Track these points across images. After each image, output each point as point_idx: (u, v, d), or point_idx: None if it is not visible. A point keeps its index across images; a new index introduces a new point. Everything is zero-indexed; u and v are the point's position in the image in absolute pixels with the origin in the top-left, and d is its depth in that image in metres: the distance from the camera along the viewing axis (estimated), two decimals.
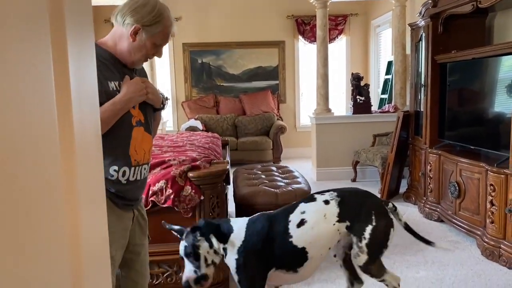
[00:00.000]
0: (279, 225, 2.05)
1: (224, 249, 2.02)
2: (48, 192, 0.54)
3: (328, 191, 2.19)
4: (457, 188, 3.61)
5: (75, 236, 0.61)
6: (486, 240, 3.22)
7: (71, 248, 0.60)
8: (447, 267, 3.06)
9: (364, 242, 2.07)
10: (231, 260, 2.01)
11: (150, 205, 2.54)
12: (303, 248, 2.02)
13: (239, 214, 3.11)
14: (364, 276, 2.27)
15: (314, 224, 2.03)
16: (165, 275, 2.63)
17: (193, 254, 1.96)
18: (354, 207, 2.12)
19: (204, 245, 1.98)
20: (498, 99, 3.52)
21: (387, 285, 2.17)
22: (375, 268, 2.11)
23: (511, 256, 2.99)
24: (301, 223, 2.03)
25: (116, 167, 1.59)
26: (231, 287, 2.82)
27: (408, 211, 4.36)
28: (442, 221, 3.95)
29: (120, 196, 1.63)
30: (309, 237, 2.02)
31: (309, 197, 2.19)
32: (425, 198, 4.25)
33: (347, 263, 2.30)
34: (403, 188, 4.95)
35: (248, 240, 2.01)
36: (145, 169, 1.71)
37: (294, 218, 2.06)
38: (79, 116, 0.61)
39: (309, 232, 2.03)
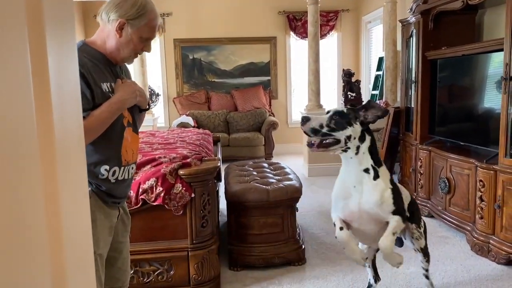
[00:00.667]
0: None
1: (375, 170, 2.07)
2: (27, 190, 0.53)
3: None
4: (447, 184, 3.63)
5: (57, 234, 0.60)
6: (475, 235, 3.25)
7: (52, 247, 0.59)
8: (437, 263, 3.09)
9: (422, 228, 2.41)
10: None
11: (140, 203, 2.52)
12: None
13: (230, 211, 3.11)
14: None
15: None
16: (155, 273, 2.62)
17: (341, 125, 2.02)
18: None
19: (355, 130, 2.04)
20: (487, 95, 3.55)
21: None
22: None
23: (500, 251, 3.02)
24: None
25: (107, 167, 1.62)
26: (222, 285, 2.82)
27: None
28: (432, 216, 3.98)
29: (110, 194, 1.66)
30: None
31: None
32: (415, 194, 4.27)
33: (373, 263, 2.65)
34: None
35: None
36: (132, 168, 1.75)
37: None
38: (60, 114, 0.59)
39: None
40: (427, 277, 2.56)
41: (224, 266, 3.04)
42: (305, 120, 2.05)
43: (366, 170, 2.07)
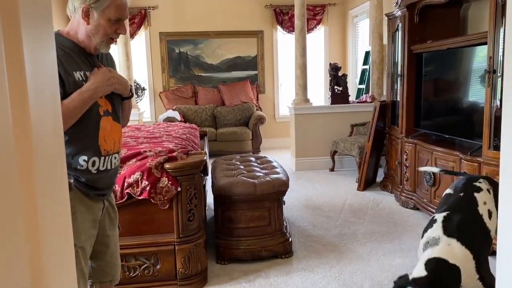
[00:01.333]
0: None
1: None
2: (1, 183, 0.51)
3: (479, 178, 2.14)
4: (432, 176, 3.67)
5: (34, 229, 0.58)
6: None
7: (30, 242, 0.58)
8: None
9: None
10: None
11: (125, 197, 2.50)
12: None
13: (217, 205, 3.10)
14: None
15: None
16: (142, 268, 2.60)
17: None
18: None
19: None
20: (472, 89, 3.59)
21: None
22: None
23: None
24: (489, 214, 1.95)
25: (85, 157, 1.59)
26: (209, 279, 2.81)
27: (384, 200, 4.43)
28: (417, 209, 4.02)
29: (91, 186, 1.63)
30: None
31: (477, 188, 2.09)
32: (401, 187, 4.31)
33: None
34: (380, 177, 5.02)
35: None
36: (115, 158, 1.71)
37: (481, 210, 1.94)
38: (36, 105, 0.58)
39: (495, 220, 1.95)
40: None
41: (211, 260, 3.04)
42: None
43: None
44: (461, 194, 2.03)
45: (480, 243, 1.84)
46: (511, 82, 0.82)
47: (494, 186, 2.06)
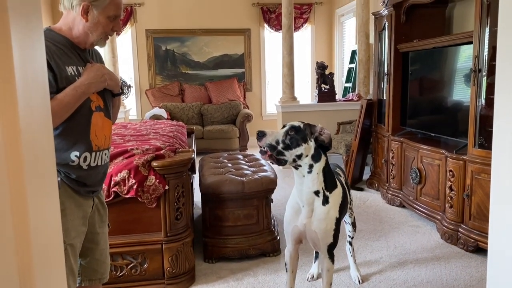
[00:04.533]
0: None
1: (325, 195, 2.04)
2: None
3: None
4: (418, 174, 3.71)
5: (23, 226, 0.57)
6: (445, 224, 3.33)
7: (18, 240, 0.56)
8: (409, 252, 3.16)
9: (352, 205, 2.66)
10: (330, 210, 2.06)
11: (112, 196, 2.47)
12: None
13: (205, 203, 3.08)
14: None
15: None
16: (129, 267, 2.57)
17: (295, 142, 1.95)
18: None
19: (308, 147, 1.97)
20: (456, 88, 3.63)
21: None
22: None
23: (468, 239, 3.11)
24: None
25: (77, 153, 1.58)
26: (197, 278, 2.80)
27: (371, 197, 4.46)
28: (404, 206, 4.06)
29: (81, 182, 1.62)
30: None
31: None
32: (387, 185, 4.35)
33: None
34: (366, 175, 5.05)
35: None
36: (105, 154, 1.71)
37: None
38: (25, 101, 0.56)
39: None
40: (351, 243, 2.78)
41: (199, 259, 3.02)
42: (260, 135, 1.95)
43: (316, 193, 2.02)
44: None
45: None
46: (503, 83, 0.82)
47: (343, 173, 2.57)
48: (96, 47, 1.73)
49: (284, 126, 2.02)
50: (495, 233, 0.86)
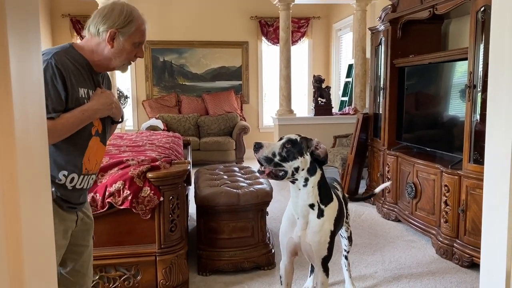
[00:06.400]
0: None
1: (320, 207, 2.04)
2: None
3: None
4: (413, 188, 3.72)
5: (16, 238, 0.56)
6: (440, 239, 3.33)
7: (11, 251, 0.56)
8: (404, 266, 3.14)
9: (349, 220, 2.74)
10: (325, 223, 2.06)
11: (107, 207, 2.45)
12: None
13: (200, 215, 3.07)
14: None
15: None
16: (122, 279, 2.55)
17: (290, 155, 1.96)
18: None
19: (304, 161, 1.97)
20: (452, 103, 3.66)
21: None
22: None
23: (463, 254, 3.10)
24: None
25: (65, 172, 1.59)
26: None
27: (366, 211, 4.45)
28: (399, 221, 4.06)
29: (64, 200, 1.62)
30: None
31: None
32: (383, 199, 4.35)
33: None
34: (362, 188, 5.05)
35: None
36: (92, 178, 1.73)
37: None
38: (22, 115, 0.56)
39: None
40: (346, 258, 2.79)
41: (193, 271, 3.00)
42: (257, 146, 1.95)
43: (311, 206, 2.02)
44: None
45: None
46: (495, 99, 0.83)
47: (341, 187, 2.60)
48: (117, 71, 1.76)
49: (281, 139, 2.03)
50: (487, 249, 0.86)
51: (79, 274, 1.77)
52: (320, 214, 2.04)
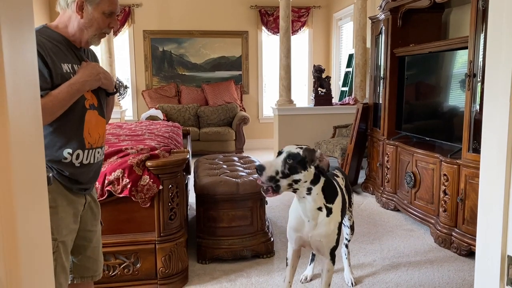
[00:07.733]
0: None
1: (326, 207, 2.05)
2: None
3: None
4: (413, 178, 3.72)
5: (10, 222, 0.57)
6: (439, 228, 3.34)
7: (5, 241, 0.56)
8: (402, 255, 3.16)
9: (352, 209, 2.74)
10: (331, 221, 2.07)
11: (106, 195, 2.46)
12: None
13: (199, 204, 3.08)
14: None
15: None
16: (121, 266, 2.56)
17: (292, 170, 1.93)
18: None
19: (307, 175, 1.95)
20: (452, 93, 3.65)
21: None
22: None
23: (462, 243, 3.12)
24: None
25: (70, 150, 1.59)
26: (190, 278, 2.79)
27: (366, 201, 4.47)
28: (398, 210, 4.07)
29: (74, 180, 1.62)
30: None
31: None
32: (382, 188, 4.36)
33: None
34: (361, 178, 5.06)
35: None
36: (98, 152, 1.71)
37: None
38: (15, 97, 0.56)
39: None
40: (347, 246, 2.81)
41: (193, 259, 3.02)
42: (260, 169, 1.90)
43: (320, 209, 2.04)
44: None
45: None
46: (491, 88, 0.83)
47: (343, 175, 2.62)
48: (92, 47, 1.74)
49: (280, 153, 1.98)
50: (482, 237, 0.86)
51: (91, 260, 1.78)
52: (329, 212, 2.06)
